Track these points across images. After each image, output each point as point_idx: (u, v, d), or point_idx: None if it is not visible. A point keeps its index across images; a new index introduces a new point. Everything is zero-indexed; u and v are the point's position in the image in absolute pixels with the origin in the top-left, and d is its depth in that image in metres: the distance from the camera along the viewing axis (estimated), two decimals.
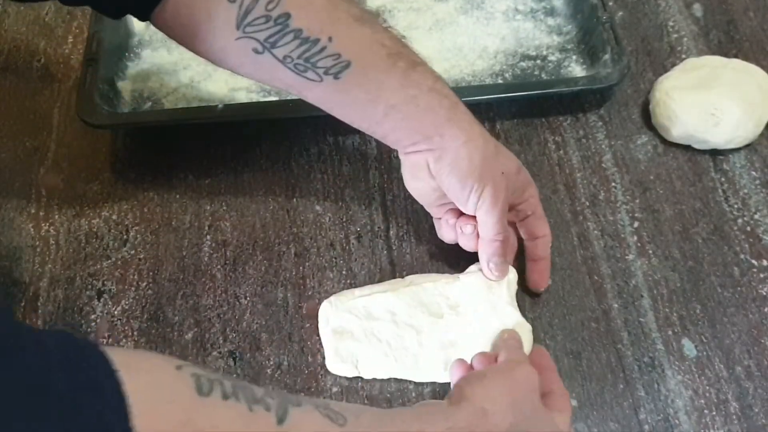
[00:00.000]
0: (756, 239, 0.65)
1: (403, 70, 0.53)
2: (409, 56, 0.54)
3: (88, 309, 0.62)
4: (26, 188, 0.69)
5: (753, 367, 0.58)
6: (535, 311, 0.61)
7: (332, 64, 0.51)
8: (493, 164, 0.55)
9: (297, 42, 0.50)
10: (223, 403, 0.36)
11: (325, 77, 0.52)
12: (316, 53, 0.51)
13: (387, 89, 0.53)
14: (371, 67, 0.53)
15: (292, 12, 0.49)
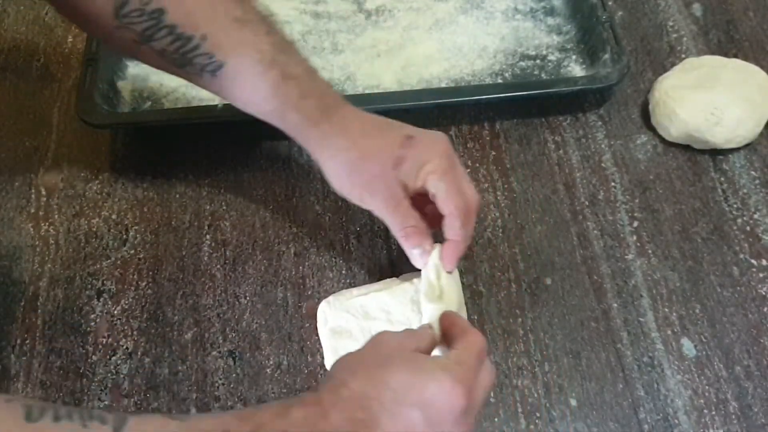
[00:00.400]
0: (755, 239, 0.65)
1: (274, 80, 0.53)
2: (284, 66, 0.53)
3: (88, 308, 0.62)
4: (26, 188, 0.69)
5: (752, 367, 0.58)
6: (535, 311, 0.61)
7: (207, 62, 0.53)
8: (359, 172, 0.54)
9: (172, 38, 0.51)
10: (54, 424, 0.37)
11: (203, 73, 0.54)
12: (190, 50, 0.52)
13: (257, 97, 0.54)
14: (242, 72, 0.53)
15: (166, 7, 0.50)
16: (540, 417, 0.57)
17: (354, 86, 0.74)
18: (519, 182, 0.69)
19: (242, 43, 0.53)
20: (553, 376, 0.58)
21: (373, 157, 0.55)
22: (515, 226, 0.66)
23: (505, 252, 0.64)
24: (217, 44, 0.52)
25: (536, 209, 0.67)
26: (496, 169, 0.69)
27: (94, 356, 0.60)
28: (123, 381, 0.59)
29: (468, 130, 0.72)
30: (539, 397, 0.57)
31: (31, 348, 0.60)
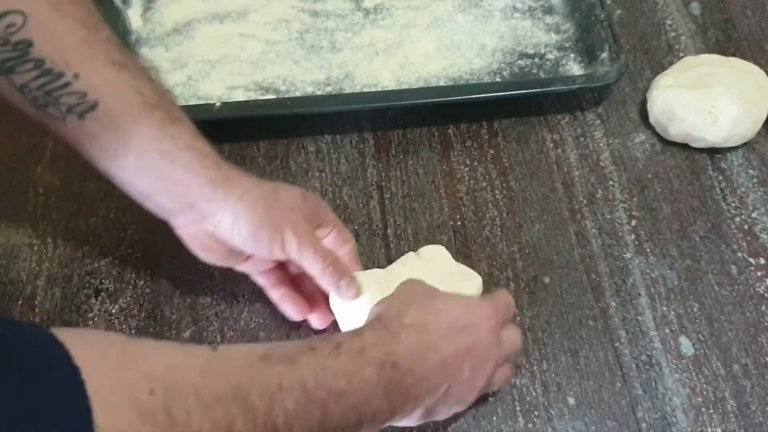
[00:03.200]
0: (753, 237, 0.65)
1: (161, 120, 0.49)
2: (169, 110, 0.50)
3: (86, 307, 0.62)
4: (23, 186, 0.69)
5: (750, 365, 0.58)
6: (533, 309, 0.61)
7: (76, 102, 0.48)
8: (278, 207, 0.53)
9: (37, 72, 0.46)
10: (155, 342, 0.40)
11: (68, 116, 0.48)
12: (58, 88, 0.47)
13: (137, 138, 0.49)
14: (122, 113, 0.49)
15: (34, 40, 0.46)
16: (538, 416, 0.57)
17: (352, 85, 0.74)
18: (517, 181, 0.69)
19: (121, 84, 0.49)
20: (552, 375, 0.58)
21: (286, 192, 0.55)
22: (513, 225, 0.66)
23: (504, 251, 0.64)
24: (91, 83, 0.48)
25: (534, 208, 0.67)
26: (494, 168, 0.69)
27: None
28: None
29: (466, 128, 0.72)
30: (537, 396, 0.57)
31: None
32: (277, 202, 0.53)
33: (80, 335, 0.37)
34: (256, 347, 0.42)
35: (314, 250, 0.54)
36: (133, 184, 0.52)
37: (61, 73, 0.47)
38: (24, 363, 0.32)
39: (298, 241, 0.53)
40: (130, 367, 0.36)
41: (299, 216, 0.54)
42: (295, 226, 0.53)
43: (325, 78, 0.75)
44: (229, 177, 0.52)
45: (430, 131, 0.72)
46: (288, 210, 0.53)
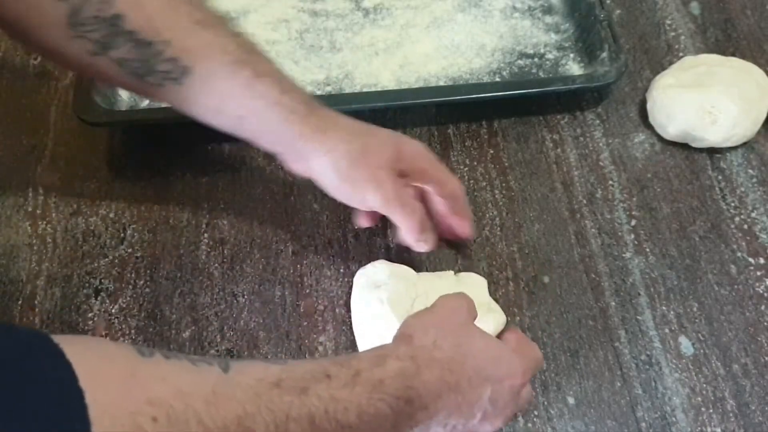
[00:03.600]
0: (753, 237, 0.65)
1: (247, 79, 0.51)
2: (255, 65, 0.51)
3: (86, 307, 0.62)
4: (23, 186, 0.69)
5: (750, 365, 0.59)
6: (533, 309, 0.61)
7: (170, 69, 0.50)
8: (363, 165, 0.54)
9: (131, 44, 0.48)
10: (165, 361, 0.37)
11: (166, 82, 0.50)
12: (152, 56, 0.49)
13: (231, 99, 0.51)
14: (212, 74, 0.50)
15: (124, 13, 0.47)
16: (538, 415, 0.57)
17: (352, 84, 0.74)
18: (517, 180, 0.69)
19: (208, 45, 0.50)
20: (551, 375, 0.58)
21: (376, 150, 0.55)
22: (513, 225, 0.66)
23: (503, 250, 0.64)
24: (181, 48, 0.49)
25: (534, 207, 0.67)
26: (494, 168, 0.69)
27: None
28: None
29: (466, 128, 0.72)
30: (537, 396, 0.57)
31: None
32: (363, 160, 0.54)
33: (89, 349, 0.36)
34: (270, 370, 0.40)
35: (396, 207, 0.54)
36: (237, 134, 0.54)
37: (153, 41, 0.48)
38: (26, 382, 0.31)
39: (382, 200, 0.54)
40: (136, 391, 0.34)
41: (386, 173, 0.54)
42: (378, 184, 0.54)
43: (325, 78, 0.75)
44: (319, 130, 0.53)
45: (429, 131, 0.72)
46: (374, 168, 0.54)
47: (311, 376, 0.41)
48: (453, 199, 0.59)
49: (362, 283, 0.58)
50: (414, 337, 0.46)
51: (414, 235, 0.56)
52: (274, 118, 0.52)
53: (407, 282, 0.57)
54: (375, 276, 0.58)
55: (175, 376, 0.37)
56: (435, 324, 0.47)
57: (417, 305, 0.56)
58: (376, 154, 0.55)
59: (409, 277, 0.58)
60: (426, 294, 0.57)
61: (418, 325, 0.47)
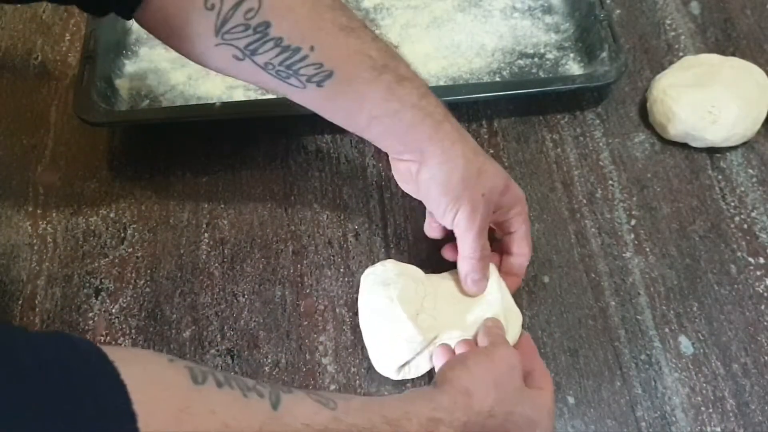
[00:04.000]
0: (753, 237, 0.65)
1: (388, 83, 0.52)
2: (396, 70, 0.53)
3: (86, 307, 0.62)
4: (23, 186, 0.69)
5: (750, 365, 0.59)
6: (533, 309, 0.61)
7: (314, 73, 0.51)
8: (472, 185, 0.55)
9: (278, 50, 0.50)
10: (217, 390, 0.37)
11: (308, 84, 0.52)
12: (297, 61, 0.50)
13: (369, 101, 0.53)
14: (354, 78, 0.52)
15: (272, 21, 0.49)
16: None
17: None
18: (517, 180, 0.68)
19: (352, 51, 0.51)
20: (551, 374, 0.58)
21: (490, 176, 0.56)
22: None
23: None
24: (326, 54, 0.51)
25: (534, 207, 0.67)
26: None
27: None
28: None
29: (466, 128, 0.71)
30: None
31: None
32: (474, 182, 0.55)
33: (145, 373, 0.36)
34: (320, 416, 0.40)
35: (474, 238, 0.55)
36: (363, 134, 0.56)
37: (299, 47, 0.50)
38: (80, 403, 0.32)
39: (467, 223, 0.55)
40: (186, 425, 0.35)
41: (484, 204, 0.55)
42: (474, 209, 0.55)
43: None
44: (446, 139, 0.54)
45: None
46: (479, 193, 0.55)
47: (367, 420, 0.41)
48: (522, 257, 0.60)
49: (371, 281, 0.58)
50: (473, 396, 0.46)
51: (471, 272, 0.57)
52: (407, 120, 0.53)
53: (416, 281, 0.58)
54: (384, 274, 0.58)
55: (224, 410, 0.37)
56: (496, 383, 0.48)
57: (426, 304, 0.57)
58: (488, 180, 0.56)
59: (418, 276, 0.58)
60: (435, 293, 0.57)
61: (479, 380, 0.48)
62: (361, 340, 0.60)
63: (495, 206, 0.57)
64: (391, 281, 0.57)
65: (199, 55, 0.52)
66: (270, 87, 0.54)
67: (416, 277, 0.58)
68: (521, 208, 0.59)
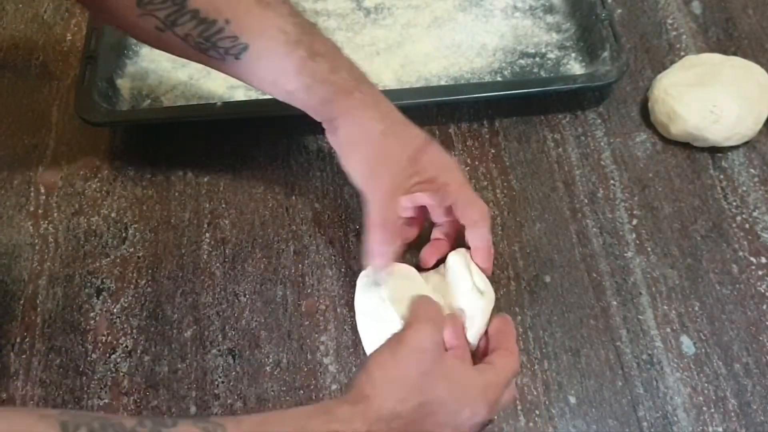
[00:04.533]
0: (754, 236, 0.65)
1: (300, 58, 0.53)
2: (310, 45, 0.54)
3: (87, 307, 0.62)
4: (25, 186, 0.69)
5: (751, 364, 0.59)
6: (534, 308, 0.61)
7: (231, 45, 0.53)
8: (376, 145, 0.55)
9: (195, 22, 0.52)
10: None
11: (227, 57, 0.54)
12: (214, 33, 0.52)
13: (284, 75, 0.54)
14: (269, 52, 0.53)
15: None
16: (539, 414, 0.57)
17: None
18: (518, 180, 0.69)
19: (266, 25, 0.53)
20: (553, 374, 0.58)
21: (397, 140, 0.56)
22: (514, 224, 0.66)
23: (505, 250, 0.64)
24: (241, 27, 0.52)
25: (535, 207, 0.67)
26: (496, 167, 0.69)
27: (93, 354, 0.60)
28: (122, 379, 0.59)
29: (467, 128, 0.72)
30: (539, 395, 0.57)
31: (31, 346, 0.60)
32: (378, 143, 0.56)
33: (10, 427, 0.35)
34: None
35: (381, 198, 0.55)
36: (290, 104, 0.57)
37: (215, 20, 0.52)
38: None
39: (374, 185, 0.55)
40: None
41: (390, 165, 0.55)
42: (376, 170, 0.55)
43: None
44: (354, 108, 0.55)
45: (431, 130, 0.72)
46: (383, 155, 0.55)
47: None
48: (476, 226, 0.57)
49: (363, 283, 0.58)
50: (371, 401, 0.45)
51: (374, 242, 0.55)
52: (320, 94, 0.55)
53: (407, 279, 0.57)
54: (376, 275, 0.58)
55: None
56: (399, 380, 0.46)
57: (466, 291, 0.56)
58: (398, 144, 0.56)
59: (410, 274, 0.58)
60: (428, 290, 0.57)
61: (379, 381, 0.46)
62: None
63: (409, 172, 0.55)
64: (382, 281, 0.57)
65: (125, 26, 0.55)
66: (195, 59, 0.56)
67: (408, 276, 0.58)
68: (449, 175, 0.57)
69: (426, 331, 0.49)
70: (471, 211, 0.57)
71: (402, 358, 0.47)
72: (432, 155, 0.57)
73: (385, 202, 0.55)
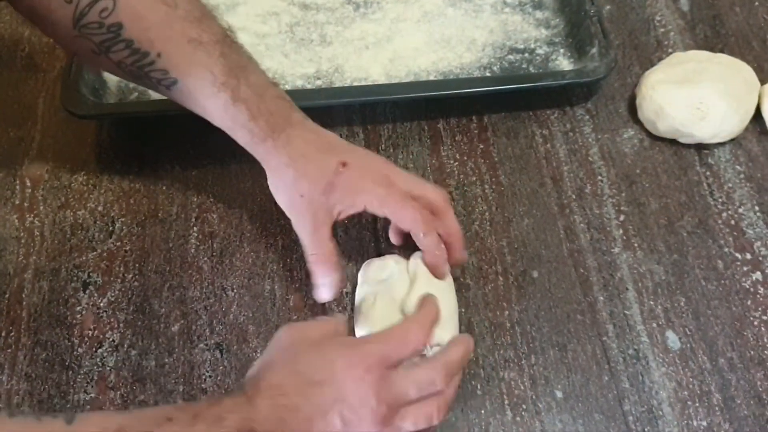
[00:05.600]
0: (740, 233, 0.65)
1: (224, 101, 0.55)
2: (234, 89, 0.55)
3: (74, 301, 0.62)
4: (10, 179, 0.69)
5: (736, 359, 0.59)
6: (522, 303, 0.62)
7: (162, 77, 0.55)
8: (291, 189, 0.57)
9: (128, 51, 0.54)
10: (9, 419, 0.39)
11: (159, 86, 0.56)
12: (146, 65, 0.54)
13: (210, 114, 0.57)
14: (196, 90, 0.56)
15: (124, 23, 0.52)
16: (526, 409, 0.57)
17: (342, 78, 0.74)
18: (506, 175, 0.69)
19: (195, 64, 0.55)
20: (540, 369, 0.59)
21: (306, 179, 0.57)
22: (502, 219, 0.66)
23: (492, 245, 0.65)
24: (171, 63, 0.54)
25: (523, 202, 0.67)
26: (484, 162, 0.69)
27: (79, 348, 0.60)
28: (109, 373, 0.59)
29: (456, 123, 0.72)
30: (525, 389, 0.58)
31: (16, 340, 0.60)
32: (292, 186, 0.57)
33: None
34: (113, 418, 0.42)
35: (308, 240, 0.57)
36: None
37: (147, 52, 0.54)
38: None
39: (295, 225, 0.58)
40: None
41: (306, 204, 0.57)
42: (295, 211, 0.58)
43: (315, 71, 0.74)
44: (270, 154, 0.58)
45: (420, 125, 0.72)
46: (297, 196, 0.57)
47: (154, 421, 0.42)
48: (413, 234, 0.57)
49: (360, 279, 0.59)
50: (247, 376, 0.48)
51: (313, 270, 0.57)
52: (241, 138, 0.57)
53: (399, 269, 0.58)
54: (369, 269, 0.58)
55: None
56: (264, 361, 0.48)
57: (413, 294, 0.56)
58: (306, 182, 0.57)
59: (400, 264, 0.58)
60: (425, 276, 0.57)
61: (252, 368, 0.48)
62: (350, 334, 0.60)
63: (327, 205, 0.57)
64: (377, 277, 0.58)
65: (62, 44, 0.57)
66: (130, 81, 0.58)
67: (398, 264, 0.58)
68: (367, 195, 0.56)
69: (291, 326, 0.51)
70: (402, 220, 0.57)
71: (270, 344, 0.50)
72: (344, 182, 0.57)
73: (312, 239, 0.57)
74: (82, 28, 0.52)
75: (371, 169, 0.58)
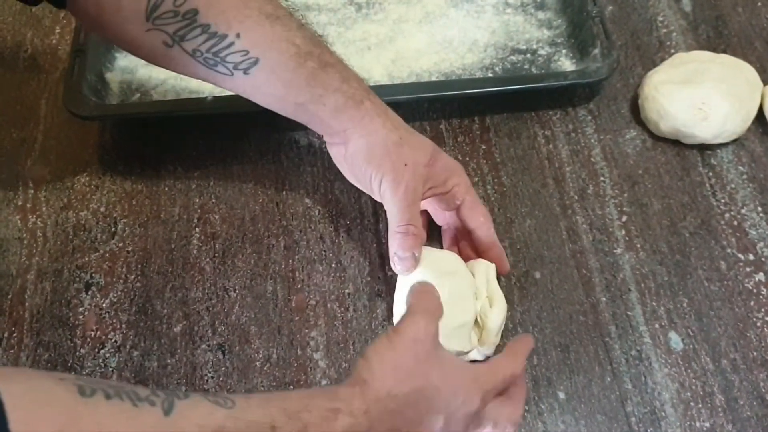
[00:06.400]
0: (742, 233, 0.65)
1: (311, 70, 0.54)
2: (320, 56, 0.55)
3: (76, 302, 0.62)
4: (13, 180, 0.69)
5: (739, 360, 0.59)
6: (524, 304, 0.62)
7: (240, 60, 0.53)
8: (394, 155, 0.56)
9: (205, 36, 0.52)
10: (106, 402, 0.37)
11: (236, 72, 0.54)
12: (224, 48, 0.53)
13: (294, 88, 0.55)
14: (279, 66, 0.54)
15: (200, 8, 0.51)
16: (528, 410, 0.57)
17: None
18: (509, 176, 0.69)
19: (277, 38, 0.53)
20: (542, 370, 0.59)
21: (410, 147, 0.57)
22: (505, 220, 0.66)
23: None
24: (251, 41, 0.53)
25: (526, 203, 0.67)
26: (486, 163, 0.69)
27: (82, 349, 0.60)
28: (111, 374, 0.59)
29: (458, 123, 0.72)
30: (528, 390, 0.57)
31: (19, 341, 0.60)
32: (396, 151, 0.56)
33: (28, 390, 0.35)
34: (214, 417, 0.40)
35: (400, 208, 0.56)
36: (293, 118, 0.58)
37: (225, 34, 0.52)
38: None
39: (392, 193, 0.56)
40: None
41: (410, 173, 0.56)
42: (398, 177, 0.56)
43: None
44: (367, 117, 0.56)
45: (422, 126, 0.72)
46: (401, 163, 0.56)
47: (256, 428, 0.40)
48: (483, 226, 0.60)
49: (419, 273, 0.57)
50: (369, 383, 0.46)
51: (401, 242, 0.55)
52: (331, 104, 0.55)
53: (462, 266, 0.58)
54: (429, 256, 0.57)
55: (112, 421, 0.36)
56: (394, 364, 0.47)
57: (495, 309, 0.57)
58: (411, 151, 0.57)
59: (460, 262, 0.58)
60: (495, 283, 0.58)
61: (376, 366, 0.47)
62: (352, 335, 0.60)
63: (425, 178, 0.57)
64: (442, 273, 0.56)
65: (130, 42, 0.54)
66: (200, 76, 0.55)
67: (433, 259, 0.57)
68: (459, 179, 0.60)
69: (421, 322, 0.49)
70: (476, 212, 0.60)
71: (398, 346, 0.48)
72: (443, 161, 0.59)
73: (406, 210, 0.56)
74: (156, 19, 0.51)
75: (456, 162, 0.61)
